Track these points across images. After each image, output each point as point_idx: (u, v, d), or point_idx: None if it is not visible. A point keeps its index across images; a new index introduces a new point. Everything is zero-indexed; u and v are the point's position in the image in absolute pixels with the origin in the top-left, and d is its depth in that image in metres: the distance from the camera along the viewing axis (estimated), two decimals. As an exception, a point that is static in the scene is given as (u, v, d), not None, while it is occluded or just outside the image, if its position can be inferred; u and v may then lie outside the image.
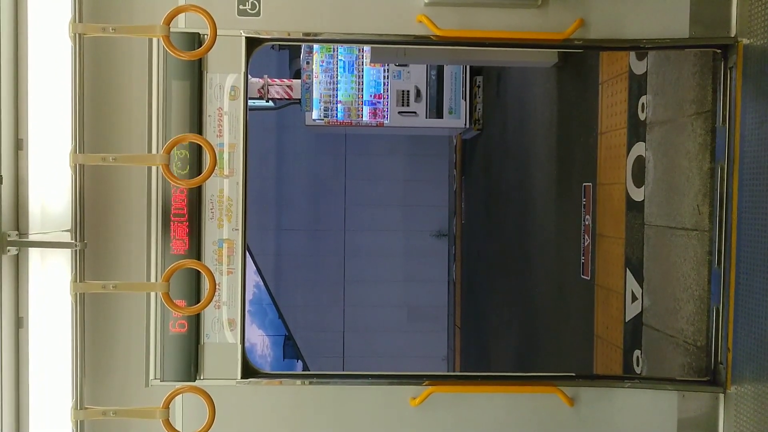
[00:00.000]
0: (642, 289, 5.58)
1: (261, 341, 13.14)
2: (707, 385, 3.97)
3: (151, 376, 3.85)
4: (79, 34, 3.23)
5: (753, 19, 3.71)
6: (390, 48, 7.62)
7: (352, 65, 10.06)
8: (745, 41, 3.80)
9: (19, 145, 3.25)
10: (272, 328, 13.11)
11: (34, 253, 3.28)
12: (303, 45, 3.88)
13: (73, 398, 3.25)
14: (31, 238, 3.26)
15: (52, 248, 3.37)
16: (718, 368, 3.98)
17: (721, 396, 3.94)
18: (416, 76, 10.45)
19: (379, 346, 13.13)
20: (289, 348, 13.00)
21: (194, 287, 3.82)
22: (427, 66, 10.30)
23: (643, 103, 5.52)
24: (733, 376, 3.85)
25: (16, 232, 3.22)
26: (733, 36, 3.89)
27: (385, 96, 10.32)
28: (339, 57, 9.96)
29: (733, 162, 3.89)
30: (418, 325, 13.40)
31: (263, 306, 13.04)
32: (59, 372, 3.36)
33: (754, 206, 3.70)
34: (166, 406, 3.17)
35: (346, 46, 9.63)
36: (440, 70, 10.46)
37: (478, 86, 10.52)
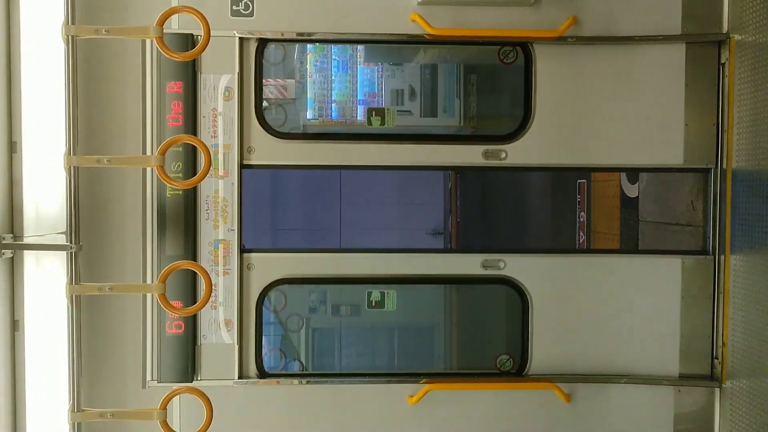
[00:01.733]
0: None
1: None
2: (703, 379, 3.99)
3: (148, 378, 3.84)
4: (72, 36, 3.22)
5: (744, 15, 3.73)
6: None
7: (346, 64, 10.05)
8: (737, 37, 3.82)
9: (12, 147, 3.24)
10: (268, 327, 13.08)
11: (29, 255, 3.27)
12: (297, 45, 3.87)
13: (70, 400, 3.25)
14: (26, 240, 3.25)
15: (47, 251, 3.36)
16: (713, 363, 3.99)
17: (717, 390, 3.96)
18: (410, 74, 10.42)
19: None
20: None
21: (190, 288, 3.82)
22: (420, 65, 10.29)
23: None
24: (729, 371, 3.87)
25: (11, 235, 3.21)
26: (725, 32, 3.90)
27: (380, 95, 10.30)
28: (333, 56, 9.94)
29: (726, 157, 3.91)
30: (415, 323, 13.38)
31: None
32: (56, 374, 3.36)
33: (748, 201, 3.71)
34: (164, 407, 3.16)
35: (339, 45, 9.62)
36: (434, 69, 10.43)
37: (472, 84, 10.52)
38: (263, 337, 3.99)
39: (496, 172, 9.82)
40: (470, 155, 3.97)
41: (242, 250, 3.89)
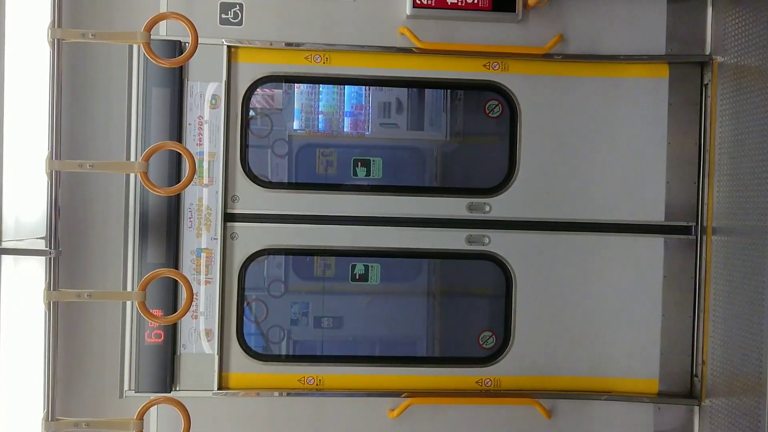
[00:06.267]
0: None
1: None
2: (683, 397, 4.01)
3: (126, 387, 3.79)
4: (58, 40, 3.19)
5: (726, 37, 3.79)
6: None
7: (334, 76, 10.06)
8: (720, 59, 3.88)
9: (-7, 151, 3.19)
10: (249, 338, 13.00)
11: (7, 260, 3.22)
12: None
13: (44, 409, 3.19)
14: (5, 245, 3.20)
15: (25, 255, 3.31)
16: (693, 381, 4.02)
17: (696, 408, 3.98)
18: (398, 88, 10.46)
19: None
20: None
21: (171, 297, 3.78)
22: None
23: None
24: (708, 389, 3.90)
25: (-11, 239, 3.16)
26: (708, 54, 3.97)
27: (367, 107, 10.32)
28: (321, 68, 9.94)
29: (708, 176, 3.96)
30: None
31: (241, 317, 12.92)
32: (31, 382, 3.30)
33: (730, 222, 3.75)
34: (140, 417, 3.12)
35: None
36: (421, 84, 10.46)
37: (459, 99, 10.58)
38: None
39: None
40: (454, 208, 4.00)
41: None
